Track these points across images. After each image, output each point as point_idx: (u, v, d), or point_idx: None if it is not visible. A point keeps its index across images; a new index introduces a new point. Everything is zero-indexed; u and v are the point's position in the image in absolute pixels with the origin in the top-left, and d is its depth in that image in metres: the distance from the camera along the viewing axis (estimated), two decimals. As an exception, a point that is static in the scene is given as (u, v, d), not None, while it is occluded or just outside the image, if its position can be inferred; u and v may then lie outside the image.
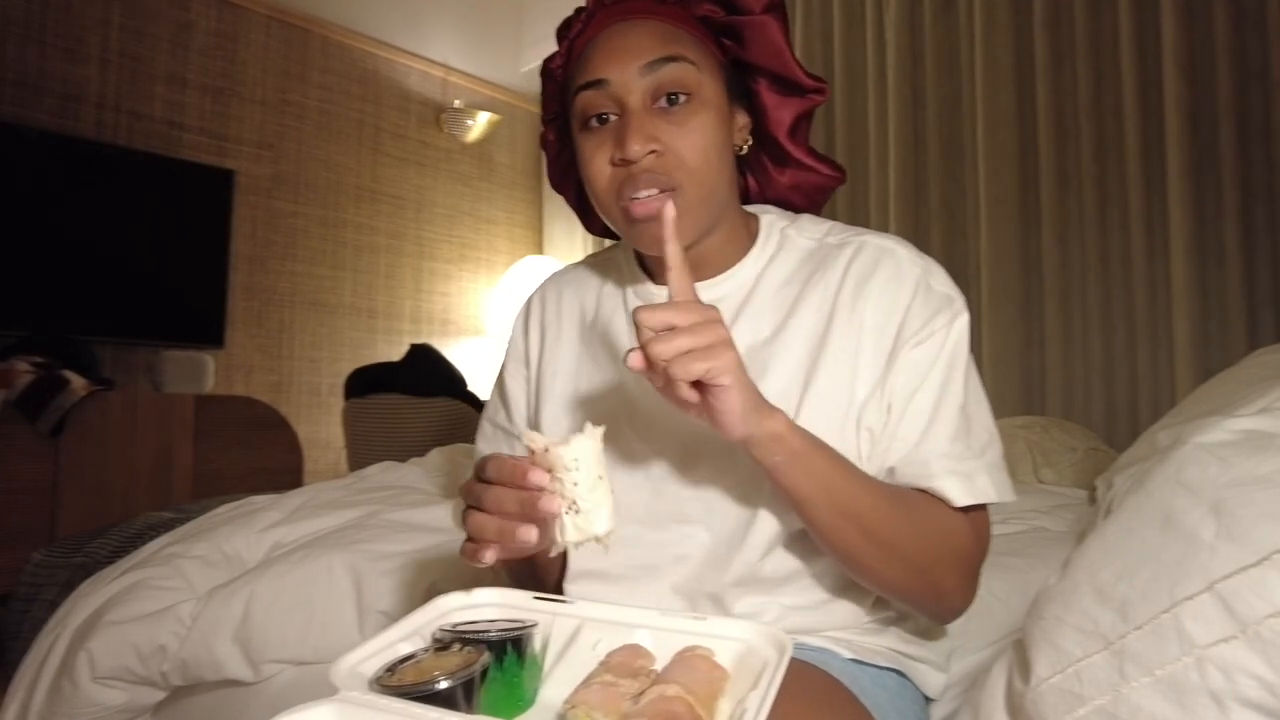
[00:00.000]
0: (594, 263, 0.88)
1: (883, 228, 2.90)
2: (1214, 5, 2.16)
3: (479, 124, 4.23)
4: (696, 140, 0.69)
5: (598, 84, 0.69)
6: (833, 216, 0.82)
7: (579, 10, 0.75)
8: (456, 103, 4.25)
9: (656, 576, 0.73)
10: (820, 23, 3.11)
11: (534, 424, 0.83)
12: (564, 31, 0.76)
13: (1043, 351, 2.53)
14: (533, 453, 0.58)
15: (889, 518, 0.64)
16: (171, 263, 3.23)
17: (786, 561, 0.71)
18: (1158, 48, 2.25)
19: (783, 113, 0.76)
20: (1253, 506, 0.47)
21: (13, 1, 2.90)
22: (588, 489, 0.56)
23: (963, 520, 0.68)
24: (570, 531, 0.57)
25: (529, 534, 0.56)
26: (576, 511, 0.56)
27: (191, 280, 3.29)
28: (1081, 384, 2.44)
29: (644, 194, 0.68)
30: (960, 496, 0.66)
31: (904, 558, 0.65)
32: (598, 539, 0.57)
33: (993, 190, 2.61)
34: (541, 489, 0.56)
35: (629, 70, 0.68)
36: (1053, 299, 2.48)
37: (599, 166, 0.71)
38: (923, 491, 0.68)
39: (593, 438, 0.58)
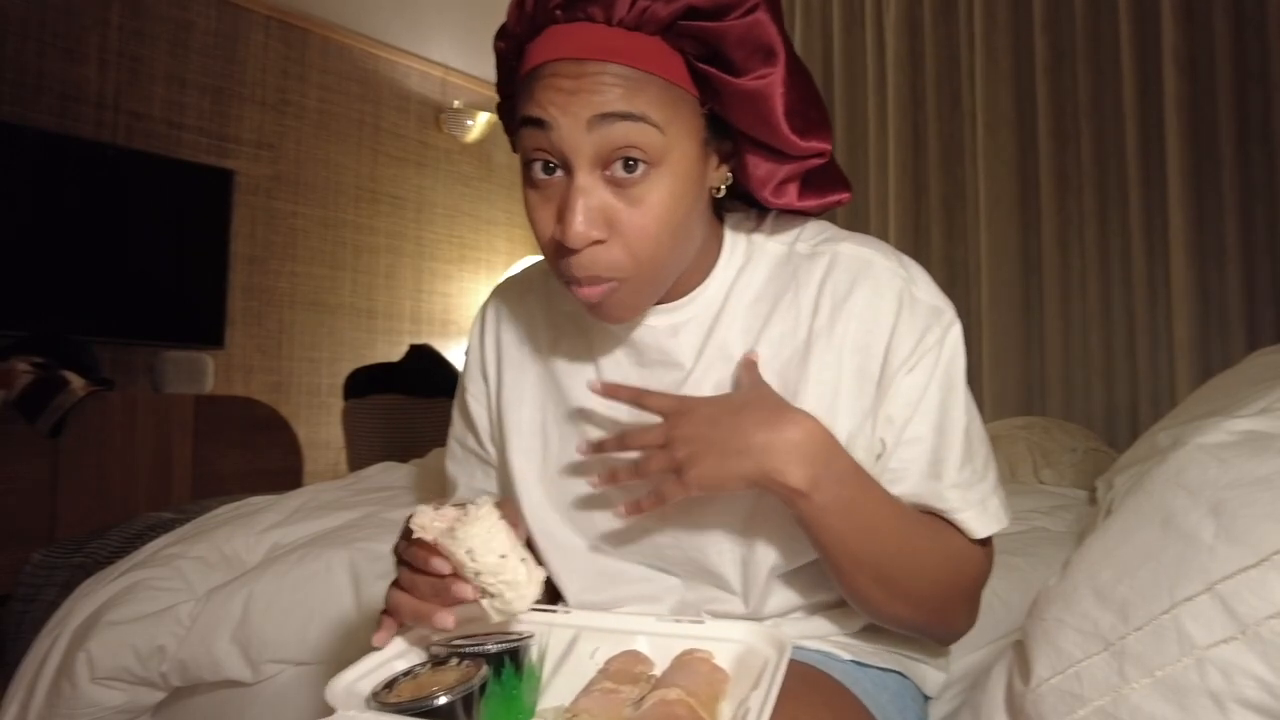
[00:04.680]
0: (547, 272, 0.77)
1: (882, 227, 2.90)
2: (1214, 5, 2.16)
3: (479, 124, 4.24)
4: (649, 222, 0.58)
5: (539, 124, 0.57)
6: (831, 218, 0.76)
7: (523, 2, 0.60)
8: (456, 103, 4.25)
9: (654, 606, 0.71)
10: (820, 23, 3.11)
11: (501, 450, 0.77)
12: (518, 6, 0.61)
13: (1043, 352, 2.53)
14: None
15: (909, 564, 0.62)
16: (171, 263, 3.23)
17: (776, 598, 0.69)
18: (1158, 48, 2.25)
19: (767, 173, 0.65)
20: (1253, 507, 0.47)
21: (13, 1, 2.90)
22: (492, 574, 0.54)
23: (977, 550, 0.67)
24: (492, 615, 0.55)
25: (445, 620, 0.54)
26: (491, 596, 0.55)
27: (191, 280, 3.29)
28: (1081, 384, 2.44)
29: (585, 279, 0.60)
30: (979, 529, 0.64)
31: (919, 600, 0.64)
32: (522, 612, 0.55)
33: (993, 191, 2.61)
34: (446, 576, 0.54)
35: (576, 120, 0.56)
36: (1053, 300, 2.48)
37: (542, 227, 0.61)
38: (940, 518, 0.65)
39: (479, 520, 0.54)
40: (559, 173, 0.59)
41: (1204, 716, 0.45)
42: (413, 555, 0.56)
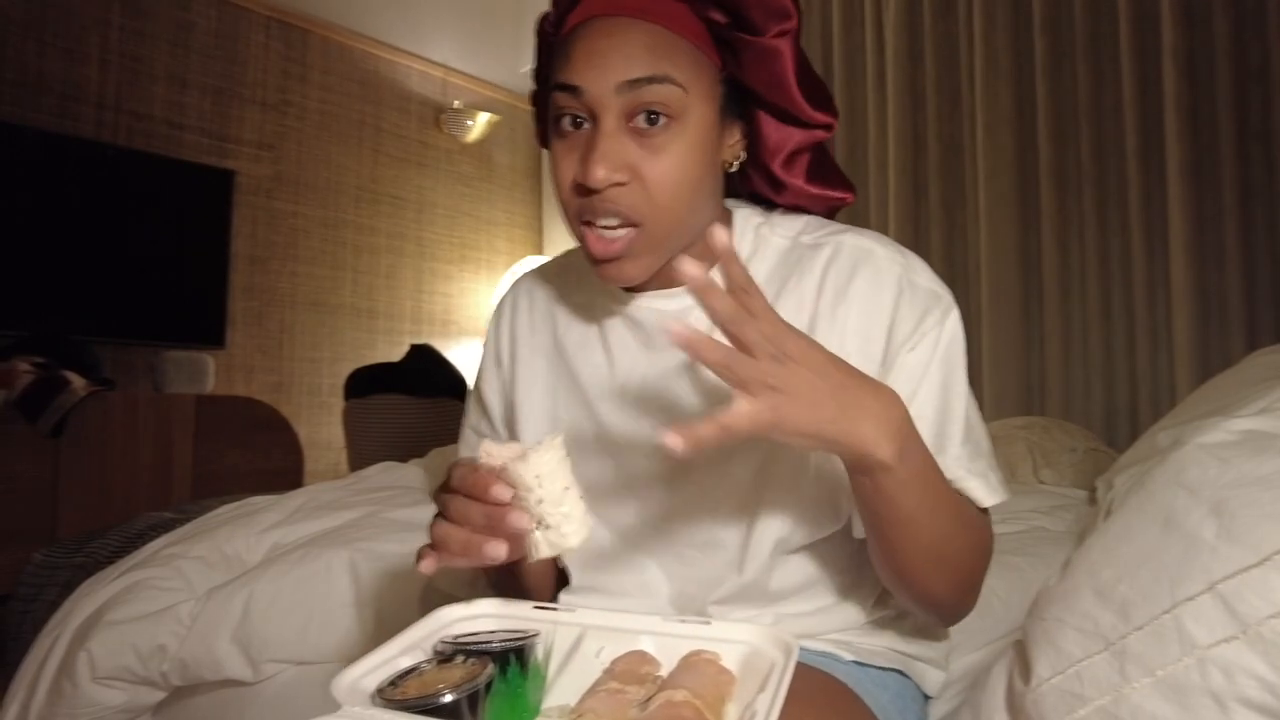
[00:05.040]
0: (567, 265, 0.82)
1: (882, 227, 2.90)
2: (1214, 5, 2.16)
3: (479, 124, 4.24)
4: (669, 170, 0.62)
5: (571, 90, 0.63)
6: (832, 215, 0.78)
7: None
8: (456, 103, 4.25)
9: (652, 592, 0.72)
10: (820, 23, 3.11)
11: (512, 435, 0.80)
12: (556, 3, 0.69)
13: (1043, 352, 2.53)
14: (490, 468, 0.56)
15: (958, 540, 0.63)
16: (171, 263, 3.23)
17: (782, 576, 0.70)
18: (1158, 48, 2.25)
19: (778, 141, 0.70)
20: (1253, 507, 0.47)
21: (13, 1, 2.90)
22: (554, 504, 0.54)
23: (987, 521, 0.68)
24: (543, 548, 0.55)
25: (497, 551, 0.53)
26: (546, 527, 0.54)
27: (192, 280, 3.29)
28: (1081, 384, 2.44)
29: (602, 223, 0.64)
30: (986, 498, 0.65)
31: (958, 578, 0.65)
32: (572, 550, 0.55)
33: (993, 190, 2.61)
34: (504, 504, 0.54)
35: (605, 84, 0.61)
36: (1053, 299, 2.48)
37: (564, 174, 0.65)
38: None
39: (552, 449, 0.55)
40: (586, 125, 0.64)
41: (1205, 716, 0.45)
42: (472, 483, 0.55)
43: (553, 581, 0.79)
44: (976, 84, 2.66)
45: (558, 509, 0.54)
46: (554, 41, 0.69)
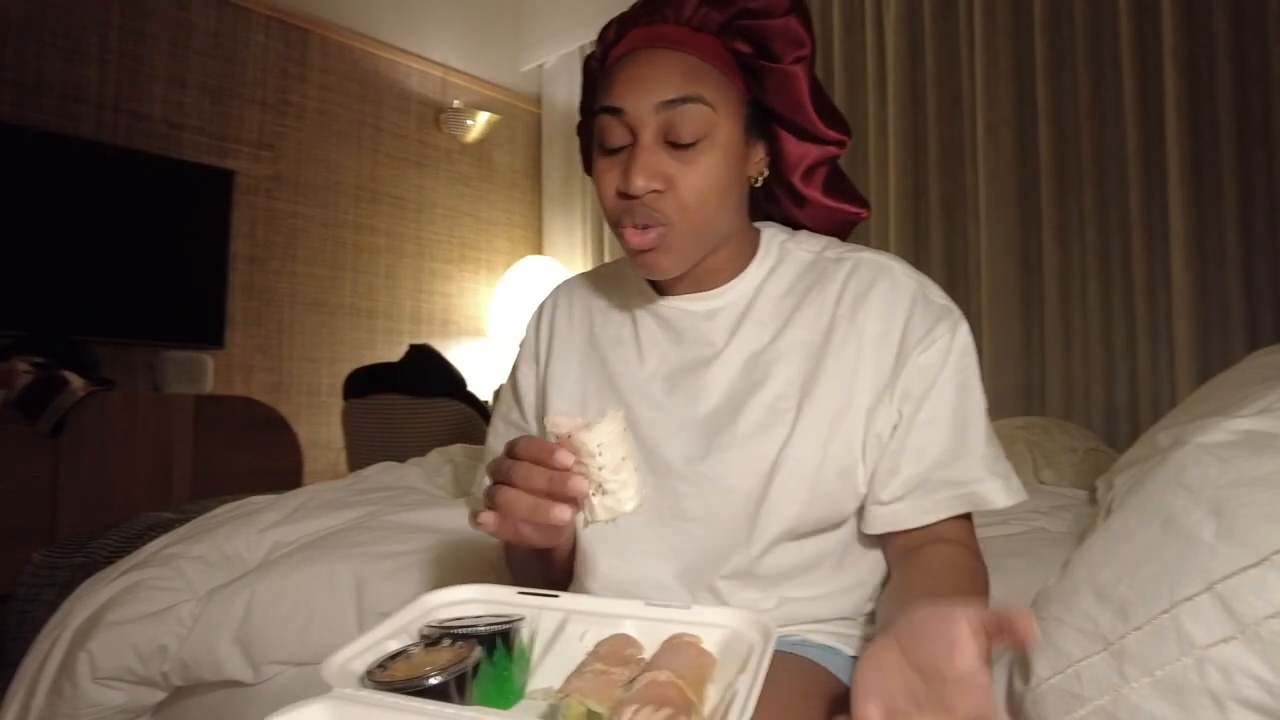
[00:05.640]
0: (605, 273, 0.90)
1: (883, 228, 2.91)
2: (1214, 5, 2.16)
3: (479, 124, 4.23)
4: (699, 181, 0.70)
5: (615, 111, 0.71)
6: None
7: (620, 17, 0.77)
8: (456, 103, 4.25)
9: (658, 564, 0.75)
10: (820, 23, 3.11)
11: (543, 421, 0.84)
12: (603, 35, 0.78)
13: (1043, 352, 2.53)
14: (557, 437, 0.59)
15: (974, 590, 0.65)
16: (171, 263, 3.23)
17: (788, 559, 0.72)
18: (1158, 48, 2.25)
19: (797, 157, 0.78)
20: (1252, 507, 0.48)
21: (13, 1, 2.90)
22: (612, 471, 0.58)
23: (966, 551, 0.69)
24: (599, 512, 0.58)
25: (563, 513, 0.57)
26: (604, 493, 0.58)
27: (191, 280, 3.29)
28: (1081, 384, 2.44)
29: (639, 224, 0.71)
30: (1002, 500, 0.70)
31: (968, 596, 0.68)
32: (627, 515, 0.59)
33: (993, 190, 2.61)
34: (568, 469, 0.57)
35: (645, 105, 0.69)
36: (1053, 299, 2.48)
37: (607, 184, 0.73)
38: (936, 553, 0.68)
39: (614, 421, 0.59)
40: (627, 144, 0.71)
41: (1203, 716, 0.45)
42: (536, 449, 0.58)
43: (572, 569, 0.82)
44: (977, 84, 2.66)
45: (616, 476, 0.58)
46: (598, 74, 0.77)
